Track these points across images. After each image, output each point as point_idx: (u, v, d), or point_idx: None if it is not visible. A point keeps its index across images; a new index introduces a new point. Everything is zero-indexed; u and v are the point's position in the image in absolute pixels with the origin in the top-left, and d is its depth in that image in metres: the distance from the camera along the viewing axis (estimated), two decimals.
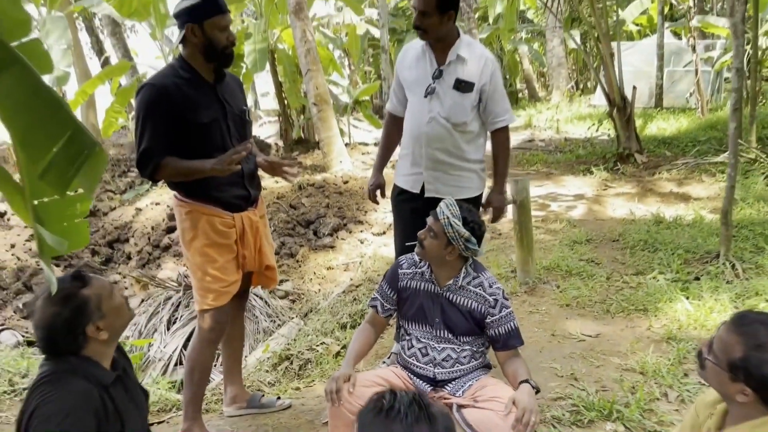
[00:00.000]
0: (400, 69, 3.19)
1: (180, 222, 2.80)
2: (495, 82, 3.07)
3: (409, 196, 3.20)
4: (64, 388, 1.78)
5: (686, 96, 13.17)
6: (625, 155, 8.38)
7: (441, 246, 2.54)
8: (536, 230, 5.74)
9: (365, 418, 1.22)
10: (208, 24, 2.61)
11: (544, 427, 2.79)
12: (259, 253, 2.94)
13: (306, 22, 8.66)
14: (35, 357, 4.61)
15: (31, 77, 1.57)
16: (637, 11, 12.80)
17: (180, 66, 2.70)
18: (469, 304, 2.63)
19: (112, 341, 1.97)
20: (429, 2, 2.84)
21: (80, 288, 1.86)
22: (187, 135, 2.62)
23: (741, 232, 5.01)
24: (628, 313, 3.90)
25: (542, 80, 21.40)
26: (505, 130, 3.17)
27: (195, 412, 2.85)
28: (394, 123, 3.33)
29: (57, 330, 1.81)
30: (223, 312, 2.81)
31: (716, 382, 1.62)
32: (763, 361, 1.47)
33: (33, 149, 1.56)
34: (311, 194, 7.25)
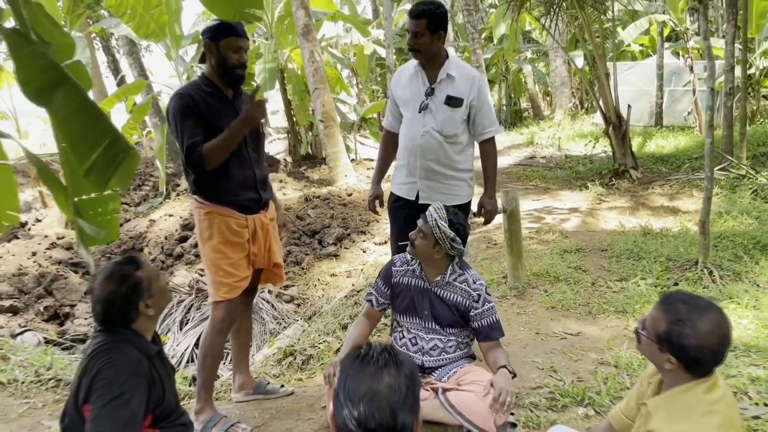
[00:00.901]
0: (395, 88, 3.53)
1: (198, 222, 3.12)
2: (482, 97, 3.42)
3: (404, 203, 3.53)
4: (121, 356, 2.10)
5: (684, 115, 13.45)
6: (621, 171, 8.67)
7: (430, 245, 2.87)
8: (529, 240, 6.05)
9: (346, 362, 1.52)
10: (223, 43, 2.98)
11: (522, 411, 3.06)
12: (269, 251, 3.26)
13: (314, 44, 9.07)
14: (57, 355, 4.94)
15: (78, 93, 1.90)
16: (636, 32, 13.15)
17: (203, 82, 3.07)
18: (455, 299, 2.94)
19: (156, 318, 2.32)
20: (421, 24, 3.20)
21: (135, 270, 2.20)
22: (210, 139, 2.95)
23: (722, 242, 5.29)
24: (608, 315, 4.18)
25: (547, 99, 21.75)
26: (492, 140, 3.51)
27: (207, 395, 3.15)
28: (390, 138, 3.67)
29: (115, 304, 2.15)
30: (234, 304, 3.13)
31: (649, 353, 1.90)
32: (683, 333, 1.75)
33: (80, 153, 1.90)
34: (317, 206, 7.59)
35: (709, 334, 1.71)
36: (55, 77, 1.87)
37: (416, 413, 1.45)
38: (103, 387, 2.03)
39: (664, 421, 1.79)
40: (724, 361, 1.78)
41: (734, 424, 1.79)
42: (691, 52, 12.56)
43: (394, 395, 1.41)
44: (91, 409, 2.01)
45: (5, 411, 3.56)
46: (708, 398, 1.78)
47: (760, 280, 4.45)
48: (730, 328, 1.76)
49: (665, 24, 13.49)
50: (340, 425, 1.43)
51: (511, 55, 18.25)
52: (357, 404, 1.40)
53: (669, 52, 15.77)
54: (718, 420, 1.74)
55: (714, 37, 14.90)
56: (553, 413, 3.03)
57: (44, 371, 4.09)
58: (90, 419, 2.00)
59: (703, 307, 1.76)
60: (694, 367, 1.77)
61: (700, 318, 1.73)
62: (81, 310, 6.33)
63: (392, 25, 11.14)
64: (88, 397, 2.04)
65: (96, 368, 2.06)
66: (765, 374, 3.12)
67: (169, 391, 2.32)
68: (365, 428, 1.38)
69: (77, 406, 2.07)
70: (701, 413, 1.75)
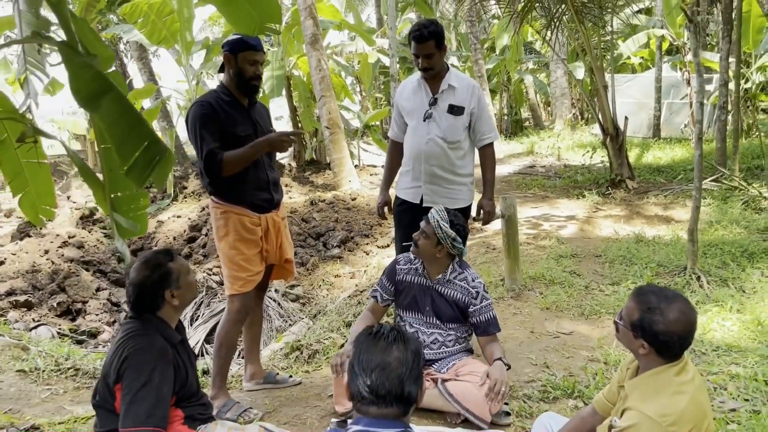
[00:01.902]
0: (400, 100, 3.79)
1: (215, 221, 3.36)
2: (481, 105, 3.68)
3: (409, 207, 3.76)
4: (149, 342, 2.32)
5: (681, 127, 13.70)
6: (617, 181, 8.90)
7: (432, 245, 3.11)
8: (527, 246, 6.27)
9: (359, 339, 1.75)
10: (241, 56, 3.23)
11: (516, 401, 3.28)
12: (280, 248, 3.50)
13: (321, 52, 9.33)
14: (72, 346, 5.16)
15: (122, 99, 2.14)
16: (635, 46, 13.42)
17: (221, 91, 3.32)
18: (455, 295, 3.18)
19: (180, 309, 2.53)
20: (430, 45, 3.46)
21: (168, 261, 2.43)
22: (228, 146, 3.19)
23: (711, 250, 5.51)
24: (600, 316, 4.40)
25: (548, 109, 22.03)
26: (490, 146, 3.77)
27: (221, 382, 3.37)
28: (395, 148, 3.92)
29: (146, 289, 2.37)
30: (249, 297, 3.36)
31: (626, 340, 2.13)
32: (653, 320, 1.98)
33: (124, 154, 2.13)
34: (322, 209, 7.83)
35: (675, 320, 1.93)
36: (102, 86, 2.10)
37: (420, 384, 1.67)
38: (133, 371, 2.24)
39: (639, 399, 2.01)
40: (690, 344, 2.00)
41: (702, 404, 2.01)
42: (688, 66, 12.83)
43: (402, 367, 1.63)
44: (125, 393, 2.21)
45: (29, 396, 3.78)
46: (678, 380, 2.00)
47: (745, 286, 4.67)
48: (695, 315, 1.99)
49: (664, 38, 13.76)
50: (354, 393, 1.65)
51: (512, 65, 18.53)
52: (369, 374, 1.62)
53: (668, 65, 16.04)
54: (687, 399, 1.96)
55: (713, 52, 15.17)
56: (545, 404, 3.25)
57: (63, 361, 4.31)
58: (125, 403, 2.20)
59: (670, 297, 1.99)
60: (665, 351, 1.99)
61: (668, 306, 1.95)
62: (93, 306, 6.55)
63: (396, 35, 11.39)
64: (119, 378, 2.25)
65: (126, 353, 2.27)
66: (744, 372, 3.33)
67: (191, 375, 2.54)
68: (376, 395, 1.60)
69: (108, 386, 2.28)
70: (671, 393, 1.97)
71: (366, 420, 1.61)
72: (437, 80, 3.61)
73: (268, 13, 2.92)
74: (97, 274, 7.31)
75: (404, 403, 1.62)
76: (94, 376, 4.15)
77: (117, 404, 2.26)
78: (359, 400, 1.63)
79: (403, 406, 1.62)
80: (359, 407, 1.64)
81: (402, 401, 1.61)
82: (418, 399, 1.66)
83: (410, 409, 1.65)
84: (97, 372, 4.18)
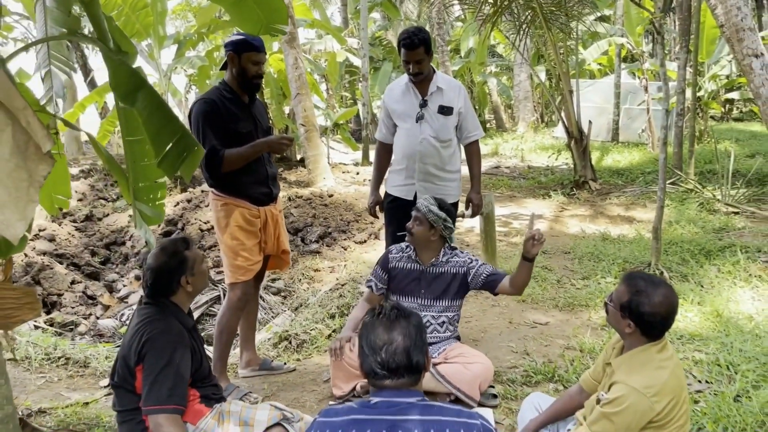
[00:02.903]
0: (389, 103, 3.98)
1: (215, 212, 3.50)
2: (467, 105, 3.95)
3: (402, 203, 3.96)
4: (168, 326, 2.45)
5: (639, 132, 14.28)
6: (581, 182, 9.29)
7: (426, 230, 3.32)
8: (499, 243, 6.54)
9: (365, 322, 1.88)
10: (245, 56, 3.40)
11: (501, 386, 3.51)
12: (278, 240, 3.66)
13: (297, 50, 9.45)
14: (59, 337, 5.18)
15: (154, 94, 2.28)
16: (597, 53, 13.94)
17: (223, 88, 3.47)
18: (451, 271, 3.41)
19: (192, 296, 2.65)
20: (420, 52, 3.69)
21: (185, 249, 2.56)
22: (230, 142, 3.33)
23: (672, 248, 5.88)
24: (573, 308, 4.69)
25: (509, 112, 22.53)
26: (476, 142, 4.03)
27: (222, 368, 3.51)
28: (384, 149, 4.13)
29: (162, 274, 2.50)
30: (249, 285, 3.52)
31: (614, 321, 2.37)
32: (640, 302, 2.23)
33: (158, 145, 2.27)
34: (300, 205, 7.96)
35: (660, 303, 2.19)
36: (137, 81, 2.24)
37: (425, 352, 1.83)
38: (154, 354, 2.36)
39: (625, 374, 2.26)
40: (671, 325, 2.26)
41: (680, 378, 2.27)
42: (645, 74, 13.40)
43: (407, 341, 1.79)
44: (146, 374, 2.34)
45: (24, 384, 3.84)
46: (659, 356, 2.26)
47: (704, 281, 5.02)
48: (677, 299, 2.25)
49: (623, 46, 14.31)
50: (367, 370, 1.81)
51: (477, 68, 18.91)
52: (379, 352, 1.78)
53: (625, 72, 16.64)
54: (668, 374, 2.21)
55: (667, 60, 15.82)
56: (528, 387, 3.49)
57: (52, 350, 4.36)
58: (147, 383, 2.32)
59: (657, 282, 2.25)
60: (649, 331, 2.24)
61: (654, 291, 2.21)
62: (68, 299, 6.53)
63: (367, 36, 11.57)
64: (140, 360, 2.37)
65: (147, 336, 2.39)
66: (706, 358, 3.64)
67: (204, 359, 2.68)
68: (388, 369, 1.77)
69: (129, 367, 2.40)
70: (654, 368, 2.23)
71: (385, 392, 1.77)
72: (425, 83, 3.84)
73: (275, 14, 3.06)
74: (71, 267, 7.26)
75: (414, 372, 1.78)
76: (86, 364, 4.21)
77: (137, 384, 2.39)
78: (373, 376, 1.78)
79: (414, 374, 1.78)
80: (375, 383, 1.79)
81: (412, 370, 1.77)
82: (426, 366, 1.83)
83: (420, 376, 1.82)
84: (88, 361, 4.24)
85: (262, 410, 2.58)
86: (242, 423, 2.47)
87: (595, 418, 2.25)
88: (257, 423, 2.47)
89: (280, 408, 2.62)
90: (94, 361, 4.21)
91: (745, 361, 3.44)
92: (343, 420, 1.72)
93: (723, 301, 4.48)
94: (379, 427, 1.68)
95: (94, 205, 9.48)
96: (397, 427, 1.68)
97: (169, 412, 2.29)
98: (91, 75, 15.50)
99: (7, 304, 2.02)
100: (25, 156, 1.70)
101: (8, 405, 1.91)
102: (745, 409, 2.88)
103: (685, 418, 2.25)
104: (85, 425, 3.01)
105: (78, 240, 8.08)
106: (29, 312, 2.07)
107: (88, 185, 10.27)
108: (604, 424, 2.20)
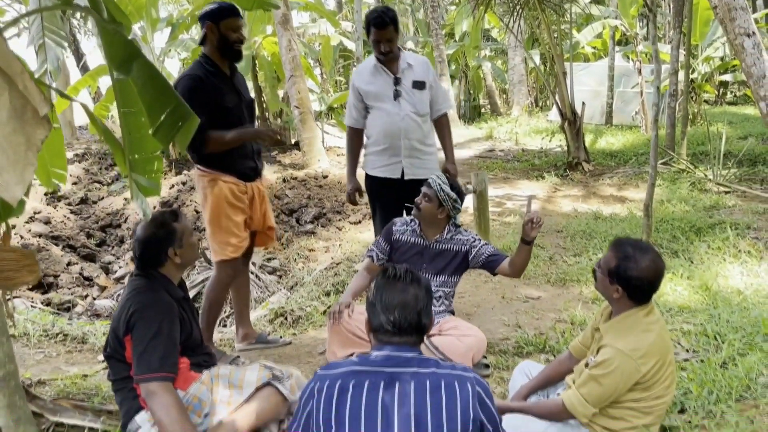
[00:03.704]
0: (361, 85, 3.94)
1: (202, 189, 3.47)
2: (435, 78, 4.02)
3: (389, 183, 3.98)
4: (156, 298, 2.48)
5: (632, 115, 14.31)
6: (574, 164, 9.33)
7: (435, 207, 3.36)
8: (493, 222, 6.59)
9: (378, 280, 1.97)
10: (224, 24, 3.34)
11: (493, 356, 3.58)
12: (264, 216, 3.68)
13: (291, 32, 9.43)
14: (54, 316, 5.23)
15: (149, 65, 2.30)
16: (591, 35, 13.93)
17: (204, 62, 3.41)
18: (453, 248, 3.45)
19: (181, 268, 2.68)
20: (390, 30, 3.72)
21: (173, 221, 2.58)
22: (216, 118, 3.32)
23: (663, 225, 5.95)
24: (565, 283, 4.76)
25: (504, 96, 22.52)
26: (445, 115, 4.09)
27: (209, 338, 3.58)
28: (356, 135, 4.13)
29: (151, 245, 2.53)
30: (238, 262, 3.56)
31: (602, 287, 2.43)
32: (628, 267, 2.28)
33: (153, 115, 2.30)
34: (294, 186, 8.00)
35: (647, 268, 2.25)
36: (131, 51, 2.26)
37: (431, 316, 1.92)
38: (143, 325, 2.39)
39: (613, 337, 2.32)
40: (657, 289, 2.32)
41: (665, 340, 2.34)
42: (639, 56, 13.41)
43: (419, 303, 1.88)
44: (136, 345, 2.37)
45: (23, 358, 3.88)
46: (646, 320, 2.32)
47: (693, 257, 5.10)
48: (663, 264, 2.31)
49: (617, 28, 14.31)
50: (376, 326, 1.88)
51: (471, 52, 18.87)
52: (392, 311, 1.85)
53: (619, 55, 16.65)
54: (654, 336, 2.28)
55: (661, 43, 15.84)
56: (519, 358, 3.56)
57: (50, 327, 4.40)
58: (137, 353, 2.36)
59: (644, 248, 2.30)
60: (636, 295, 2.30)
61: (642, 256, 2.27)
62: (65, 280, 6.57)
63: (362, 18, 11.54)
64: (128, 330, 2.40)
65: (134, 307, 2.42)
66: (694, 329, 3.71)
67: (195, 328, 2.71)
68: (399, 328, 1.85)
69: (118, 338, 2.44)
70: (641, 330, 2.29)
71: (389, 347, 1.84)
72: (394, 62, 3.87)
73: None
74: (67, 249, 7.30)
75: (420, 332, 1.88)
76: (83, 341, 4.26)
77: (127, 354, 2.41)
78: (382, 332, 1.86)
79: (419, 334, 1.88)
80: (381, 338, 1.87)
81: (419, 331, 1.87)
82: (429, 327, 1.92)
83: (423, 336, 1.91)
84: (86, 337, 4.28)
85: (251, 371, 2.61)
86: (231, 386, 2.51)
87: (583, 381, 2.31)
88: (246, 384, 2.51)
89: (269, 367, 2.65)
90: (92, 337, 4.25)
91: (732, 331, 3.50)
92: (343, 372, 1.80)
93: (712, 276, 4.55)
94: (377, 378, 1.76)
95: (89, 189, 9.48)
96: (394, 378, 1.76)
97: (160, 380, 2.32)
98: (84, 59, 15.42)
99: (6, 266, 2.06)
100: (23, 120, 1.73)
101: (10, 363, 1.95)
102: (731, 374, 2.95)
103: (671, 379, 2.32)
104: (84, 394, 3.06)
105: (73, 223, 8.10)
106: (28, 274, 2.11)
107: (82, 169, 10.26)
108: (592, 386, 2.27)
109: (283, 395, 2.55)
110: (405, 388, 1.74)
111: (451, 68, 19.98)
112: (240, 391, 2.49)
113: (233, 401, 2.49)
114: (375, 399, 1.73)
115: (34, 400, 2.71)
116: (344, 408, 1.73)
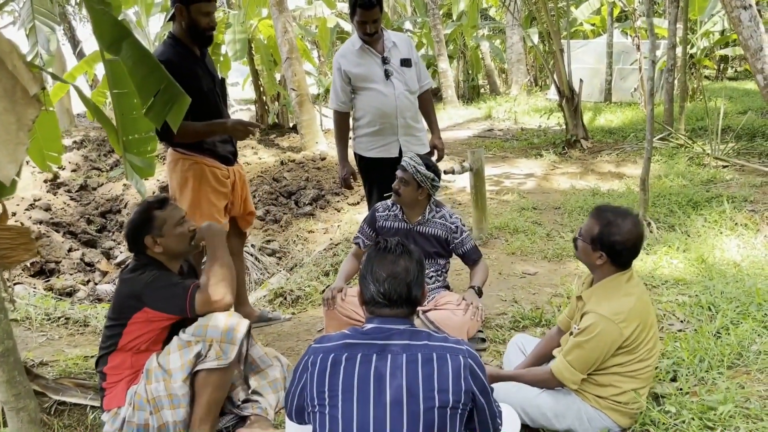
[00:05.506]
0: (349, 68, 3.90)
1: (181, 172, 3.32)
2: (418, 55, 4.06)
3: (384, 163, 3.99)
4: (153, 274, 2.48)
5: (631, 92, 14.26)
6: (573, 141, 9.33)
7: (414, 189, 3.37)
8: (490, 200, 6.62)
9: (370, 254, 1.99)
10: (194, 8, 3.19)
11: (489, 330, 3.62)
12: (244, 201, 3.65)
13: (287, 15, 9.39)
14: (56, 300, 5.27)
15: (138, 45, 2.32)
16: (589, 11, 13.82)
17: (174, 43, 3.28)
18: (435, 232, 3.47)
19: (169, 257, 2.59)
20: (376, 11, 3.71)
21: (156, 208, 2.55)
22: (192, 103, 3.27)
23: (660, 200, 5.97)
24: (562, 258, 4.78)
25: (503, 76, 22.40)
26: (428, 91, 4.13)
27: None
28: (344, 119, 4.12)
29: (129, 230, 2.55)
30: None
31: (584, 255, 2.46)
32: (610, 232, 2.32)
33: (144, 95, 2.31)
34: (292, 169, 8.01)
35: (629, 232, 2.30)
36: (121, 31, 2.28)
37: (422, 287, 1.94)
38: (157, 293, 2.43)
39: (595, 303, 2.37)
40: (638, 254, 2.37)
41: (646, 303, 2.40)
42: (638, 32, 13.32)
43: (410, 276, 1.90)
44: (161, 306, 2.43)
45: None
46: (627, 285, 2.38)
47: (690, 231, 5.11)
48: (643, 228, 2.37)
49: (615, 4, 14.20)
50: (368, 298, 1.91)
51: (469, 31, 18.73)
52: (382, 283, 1.88)
53: (618, 31, 16.53)
54: (634, 300, 2.34)
55: (661, 18, 15.70)
56: (516, 331, 3.59)
57: (52, 311, 4.44)
58: (164, 302, 2.42)
59: (624, 213, 2.36)
60: (618, 260, 2.35)
61: (623, 221, 2.32)
62: (66, 266, 6.62)
63: None
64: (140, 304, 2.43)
65: (147, 279, 2.45)
66: (689, 300, 3.74)
67: None
68: (389, 299, 1.87)
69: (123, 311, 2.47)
70: (622, 295, 2.35)
71: (380, 319, 1.87)
72: (377, 40, 3.87)
73: None
74: (68, 235, 7.34)
75: (411, 304, 1.90)
76: (86, 323, 4.30)
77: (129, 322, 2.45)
78: (373, 304, 1.89)
79: (411, 306, 1.90)
80: (373, 310, 1.90)
81: (410, 303, 1.89)
82: (421, 300, 1.94)
83: (415, 308, 1.93)
84: (87, 320, 4.33)
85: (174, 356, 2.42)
86: (165, 378, 2.41)
87: (569, 348, 2.36)
88: (174, 370, 2.41)
89: (184, 341, 2.44)
90: (94, 320, 4.30)
91: (726, 302, 3.53)
92: (336, 344, 1.82)
93: (708, 249, 4.57)
94: (369, 350, 1.79)
95: (88, 175, 9.51)
96: (386, 350, 1.79)
97: (196, 290, 2.41)
98: (80, 46, 15.35)
99: (2, 244, 2.09)
100: (13, 100, 1.75)
101: (8, 339, 1.99)
102: (724, 342, 2.98)
103: (653, 341, 2.37)
104: (86, 374, 3.10)
105: (73, 209, 8.14)
106: (25, 252, 2.14)
107: (81, 156, 10.28)
108: (577, 353, 2.31)
109: (218, 367, 2.39)
110: (397, 359, 1.77)
111: (449, 48, 19.85)
112: (170, 377, 2.38)
113: (173, 394, 2.40)
114: (367, 371, 1.76)
115: (36, 379, 2.76)
116: (337, 380, 1.76)
